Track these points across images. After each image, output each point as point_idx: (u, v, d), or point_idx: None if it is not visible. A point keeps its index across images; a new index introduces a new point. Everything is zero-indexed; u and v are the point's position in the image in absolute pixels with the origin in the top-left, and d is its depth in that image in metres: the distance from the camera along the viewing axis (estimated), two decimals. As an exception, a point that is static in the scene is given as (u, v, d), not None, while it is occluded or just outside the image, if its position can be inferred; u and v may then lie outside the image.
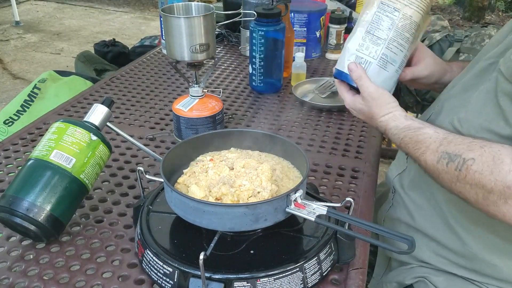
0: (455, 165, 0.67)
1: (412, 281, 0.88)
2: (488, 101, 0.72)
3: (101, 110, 0.79)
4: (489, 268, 0.79)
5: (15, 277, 0.67)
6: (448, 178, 0.68)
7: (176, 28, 0.92)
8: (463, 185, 0.66)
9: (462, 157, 0.66)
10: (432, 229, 0.85)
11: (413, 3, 0.78)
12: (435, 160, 0.70)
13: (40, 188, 0.69)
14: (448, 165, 0.68)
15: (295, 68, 1.37)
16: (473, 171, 0.64)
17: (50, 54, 4.27)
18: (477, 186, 0.64)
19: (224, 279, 0.60)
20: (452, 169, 0.67)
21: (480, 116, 0.72)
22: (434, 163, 0.70)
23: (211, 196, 0.66)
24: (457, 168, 0.66)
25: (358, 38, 0.80)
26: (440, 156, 0.69)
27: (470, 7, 5.47)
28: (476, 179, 0.64)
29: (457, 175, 0.66)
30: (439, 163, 0.69)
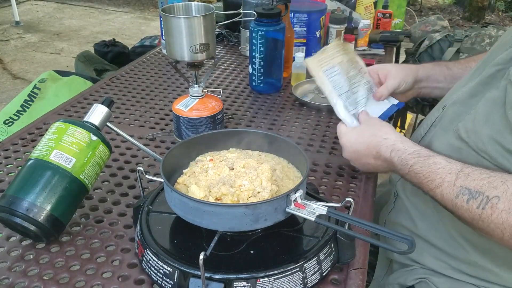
0: (478, 203, 0.63)
1: (413, 282, 0.88)
2: (495, 110, 0.69)
3: (101, 110, 0.79)
4: (490, 275, 0.79)
5: (15, 277, 0.67)
6: (469, 216, 0.65)
7: (176, 28, 0.92)
8: (487, 224, 0.63)
9: (485, 195, 0.63)
10: (434, 237, 0.84)
11: (335, 54, 0.95)
12: (453, 195, 0.66)
13: (40, 188, 0.69)
14: (469, 202, 0.64)
15: (295, 68, 1.37)
16: (500, 210, 0.61)
17: (50, 54, 4.28)
18: (503, 225, 0.61)
19: (224, 279, 0.60)
20: (474, 207, 0.64)
21: (487, 127, 0.70)
22: (452, 197, 0.67)
23: (211, 196, 0.66)
24: (480, 207, 0.63)
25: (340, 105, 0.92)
26: (459, 191, 0.66)
27: (470, 7, 5.47)
28: (504, 219, 0.61)
29: (480, 213, 0.63)
30: (458, 198, 0.66)
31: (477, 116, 0.72)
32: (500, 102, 0.68)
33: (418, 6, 5.67)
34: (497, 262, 0.78)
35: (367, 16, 1.87)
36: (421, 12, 5.57)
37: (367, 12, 1.88)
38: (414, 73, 0.98)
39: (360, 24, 1.67)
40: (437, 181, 0.69)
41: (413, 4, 5.71)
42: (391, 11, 1.90)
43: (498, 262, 0.78)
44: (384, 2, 1.88)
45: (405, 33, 1.97)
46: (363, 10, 1.86)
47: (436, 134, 0.83)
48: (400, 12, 2.09)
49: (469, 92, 0.79)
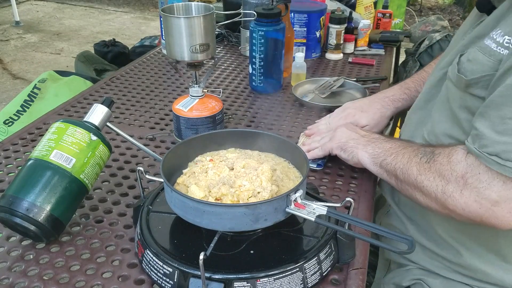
0: (427, 158, 0.72)
1: (409, 283, 0.88)
2: (444, 108, 0.76)
3: (101, 110, 0.79)
4: (482, 276, 0.80)
5: (15, 277, 0.67)
6: (416, 170, 0.72)
7: (176, 28, 0.92)
8: (427, 177, 0.70)
9: (434, 152, 0.72)
10: (425, 241, 0.86)
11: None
12: (413, 154, 0.75)
13: (40, 188, 0.69)
14: (422, 159, 0.73)
15: (295, 68, 1.37)
16: (437, 161, 0.70)
17: (50, 54, 4.28)
18: (439, 176, 0.68)
19: (224, 279, 0.60)
20: (423, 162, 0.72)
21: (441, 125, 0.77)
22: (410, 156, 0.75)
23: (211, 196, 0.66)
24: (427, 160, 0.72)
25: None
26: (418, 152, 0.74)
27: (470, 7, 5.47)
28: (437, 169, 0.69)
29: (425, 167, 0.71)
30: (416, 156, 0.74)
31: (433, 119, 0.80)
32: (446, 100, 0.76)
33: (418, 6, 5.67)
34: (486, 262, 0.78)
35: (367, 16, 1.87)
36: (421, 12, 5.56)
37: (367, 12, 1.88)
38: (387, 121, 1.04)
39: (360, 24, 1.67)
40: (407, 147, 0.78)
41: (413, 4, 5.71)
42: (391, 11, 1.90)
43: (488, 262, 0.79)
44: (384, 2, 1.88)
45: (405, 33, 1.97)
46: (363, 10, 1.86)
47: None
48: (400, 12, 2.09)
49: (424, 98, 0.86)
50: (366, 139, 0.86)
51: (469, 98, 0.70)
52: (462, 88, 0.71)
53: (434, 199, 0.70)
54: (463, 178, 0.65)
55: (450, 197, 0.67)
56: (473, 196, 0.65)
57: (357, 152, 0.85)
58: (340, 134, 0.91)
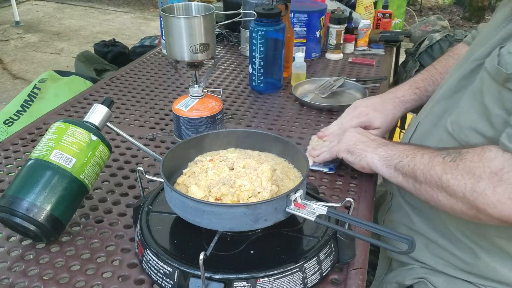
0: (451, 157, 0.70)
1: (412, 282, 0.88)
2: (474, 101, 0.74)
3: (101, 110, 0.79)
4: (488, 271, 0.79)
5: (15, 277, 0.67)
6: (441, 169, 0.71)
7: (176, 28, 0.92)
8: (454, 176, 0.68)
9: (459, 152, 0.70)
10: (432, 232, 0.85)
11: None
12: (433, 155, 0.73)
13: (40, 188, 0.69)
14: (445, 158, 0.71)
15: (295, 68, 1.37)
16: (466, 159, 0.68)
17: (50, 54, 4.28)
18: (468, 174, 0.66)
19: (224, 279, 0.60)
20: (448, 161, 0.70)
21: (467, 118, 0.75)
22: (431, 156, 0.73)
23: (211, 196, 0.66)
24: (452, 160, 0.70)
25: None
26: (439, 152, 0.73)
27: (470, 7, 5.47)
28: (467, 167, 0.67)
29: (451, 166, 0.69)
30: (437, 156, 0.72)
31: (460, 109, 0.78)
32: (478, 92, 0.73)
33: (418, 6, 5.67)
34: (497, 258, 0.78)
35: (367, 16, 1.87)
36: (421, 12, 5.57)
37: (367, 12, 1.88)
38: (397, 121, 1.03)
39: (360, 24, 1.67)
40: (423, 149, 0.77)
41: (413, 4, 5.71)
42: (391, 11, 1.90)
43: (498, 259, 0.78)
44: (384, 2, 1.88)
45: (405, 33, 1.97)
46: (363, 10, 1.86)
47: (425, 131, 0.87)
48: (400, 12, 2.09)
49: (452, 88, 0.83)
50: (376, 142, 0.85)
51: (506, 93, 0.68)
52: (501, 81, 0.68)
53: (461, 198, 0.68)
54: (497, 175, 0.63)
55: (481, 195, 0.64)
56: (507, 193, 0.62)
57: (366, 155, 0.84)
58: (349, 137, 0.90)
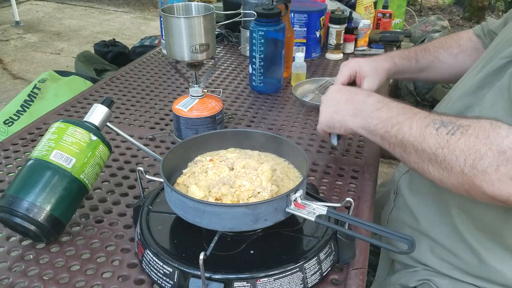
0: (447, 130, 0.64)
1: (416, 284, 0.87)
2: (500, 97, 0.71)
3: (101, 110, 0.79)
4: (494, 274, 0.78)
5: (15, 277, 0.67)
6: (436, 141, 0.65)
7: (176, 28, 0.92)
8: (451, 151, 0.63)
9: (457, 124, 0.64)
10: (438, 234, 0.84)
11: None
12: (424, 124, 0.67)
13: (40, 188, 0.69)
14: (439, 130, 0.65)
15: (295, 68, 1.37)
16: (469, 134, 0.62)
17: (50, 54, 4.28)
18: (469, 150, 0.62)
19: (224, 279, 0.60)
20: (443, 133, 0.65)
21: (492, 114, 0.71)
22: (421, 127, 0.67)
23: (210, 196, 0.66)
24: (449, 133, 0.64)
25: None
26: (431, 121, 0.67)
27: (470, 7, 5.47)
28: (471, 143, 0.62)
29: (448, 139, 0.64)
30: (428, 127, 0.67)
31: (484, 106, 0.74)
32: (505, 88, 0.70)
33: (418, 6, 5.67)
34: (505, 262, 0.77)
35: (367, 16, 1.87)
36: (421, 12, 5.57)
37: (367, 12, 1.88)
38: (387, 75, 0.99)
39: (360, 24, 1.67)
40: (409, 114, 0.70)
41: (413, 4, 5.71)
42: (391, 11, 1.90)
43: (506, 262, 0.77)
44: (384, 2, 1.88)
45: (405, 33, 1.97)
46: (363, 10, 1.86)
47: None
48: (400, 12, 2.10)
49: (477, 85, 0.80)
50: (351, 105, 0.80)
51: None
52: None
53: (457, 173, 0.64)
54: (505, 154, 0.60)
55: (481, 172, 0.61)
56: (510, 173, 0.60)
57: (347, 125, 0.80)
58: (324, 110, 0.85)
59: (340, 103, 0.82)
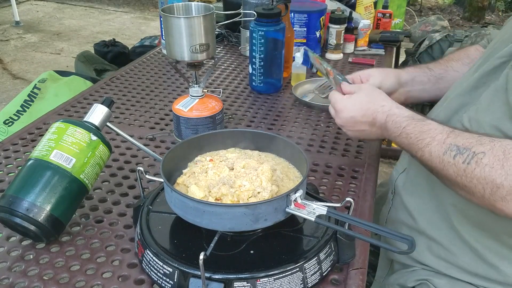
0: (464, 158, 0.65)
1: (414, 284, 0.87)
2: (497, 98, 0.71)
3: (101, 110, 0.79)
4: (492, 272, 0.79)
5: (15, 277, 0.67)
6: (454, 171, 0.66)
7: (176, 28, 0.92)
8: (469, 180, 0.64)
9: (472, 151, 0.64)
10: (435, 232, 0.84)
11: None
12: (442, 151, 0.68)
13: (40, 188, 0.69)
14: (456, 158, 0.66)
15: (295, 68, 1.37)
16: (483, 164, 0.62)
17: (50, 54, 4.27)
18: (485, 180, 0.62)
19: (224, 279, 0.60)
20: (460, 162, 0.65)
21: (489, 115, 0.71)
22: (440, 154, 0.68)
23: (210, 196, 0.66)
24: (465, 161, 0.64)
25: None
26: (448, 148, 0.67)
27: (470, 7, 5.47)
28: (486, 173, 0.62)
29: (465, 168, 0.64)
30: (446, 154, 0.67)
31: (480, 105, 0.74)
32: (502, 90, 0.70)
33: (418, 6, 5.67)
34: (501, 258, 0.77)
35: (367, 16, 1.87)
36: (421, 12, 5.56)
37: (367, 12, 1.88)
38: (396, 75, 0.98)
39: (360, 24, 1.67)
40: (427, 140, 0.71)
41: (413, 4, 5.71)
42: (391, 11, 1.90)
43: (503, 259, 0.77)
44: (384, 2, 1.88)
45: (405, 33, 1.97)
46: (363, 10, 1.86)
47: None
48: (400, 12, 2.09)
49: (472, 85, 0.80)
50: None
51: None
52: None
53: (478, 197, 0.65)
54: None
55: (501, 199, 0.62)
56: None
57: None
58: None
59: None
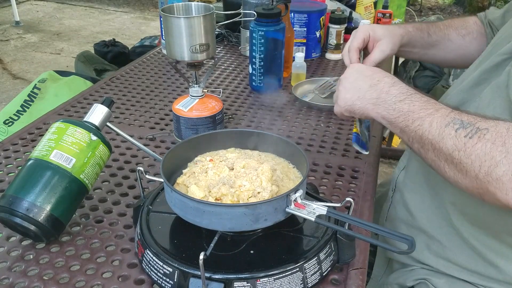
0: (466, 132, 0.62)
1: (413, 283, 0.87)
2: (498, 95, 0.70)
3: (101, 110, 0.79)
4: (490, 269, 0.79)
5: (15, 277, 0.67)
6: (453, 143, 0.63)
7: (176, 28, 0.92)
8: (467, 155, 0.62)
9: (476, 126, 0.62)
10: (434, 229, 0.84)
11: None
12: (444, 123, 0.65)
13: (40, 188, 0.69)
14: (458, 131, 0.63)
15: (295, 68, 1.37)
16: (485, 139, 0.60)
17: (50, 54, 4.27)
18: (485, 157, 0.60)
19: (224, 279, 0.60)
20: (462, 135, 0.63)
21: (489, 111, 0.70)
22: (441, 125, 0.65)
23: (210, 196, 0.66)
24: (468, 135, 0.62)
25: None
26: (451, 120, 0.65)
27: (470, 7, 5.48)
28: (487, 149, 0.60)
29: (465, 142, 0.62)
30: (448, 127, 0.65)
31: (481, 102, 0.73)
32: (503, 86, 0.69)
33: (418, 6, 5.67)
34: (500, 256, 0.77)
35: (367, 16, 1.87)
36: (421, 12, 5.56)
37: (367, 12, 1.88)
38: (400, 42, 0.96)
39: (360, 24, 1.67)
40: (430, 110, 0.68)
41: (413, 4, 5.71)
42: (391, 11, 1.90)
43: (501, 257, 0.77)
44: (384, 2, 1.88)
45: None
46: (363, 10, 1.86)
47: None
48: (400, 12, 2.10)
49: (473, 81, 0.79)
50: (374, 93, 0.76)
51: None
52: None
53: (471, 177, 0.62)
54: None
55: (495, 180, 0.59)
56: None
57: (368, 113, 0.77)
58: (344, 93, 0.81)
59: (363, 89, 0.78)
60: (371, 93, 0.76)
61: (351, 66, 0.85)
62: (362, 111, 0.78)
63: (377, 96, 0.75)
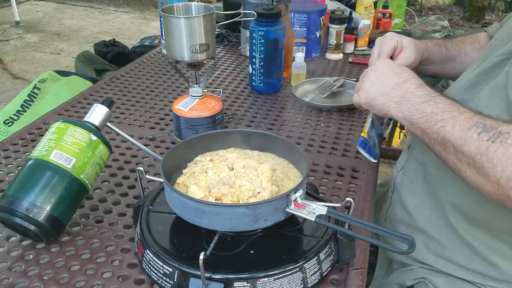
0: (489, 136, 0.62)
1: (412, 283, 0.88)
2: (496, 95, 0.70)
3: (101, 110, 0.79)
4: (490, 268, 0.79)
5: (15, 277, 0.67)
6: (476, 147, 0.63)
7: (176, 28, 0.92)
8: (490, 159, 0.61)
9: (498, 130, 0.62)
10: (433, 229, 0.85)
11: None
12: (467, 126, 0.65)
13: (40, 188, 0.69)
14: (481, 135, 0.63)
15: (295, 68, 1.37)
16: (508, 144, 0.60)
17: (50, 54, 4.27)
18: (507, 161, 0.60)
19: (224, 279, 0.60)
20: (484, 140, 0.62)
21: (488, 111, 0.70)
22: (464, 128, 0.65)
23: (210, 196, 0.66)
24: (490, 139, 0.62)
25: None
26: (474, 124, 0.65)
27: (470, 7, 5.47)
28: (509, 153, 0.59)
29: (488, 146, 0.61)
30: (471, 130, 0.64)
31: (479, 102, 0.73)
32: (502, 87, 0.69)
33: (418, 6, 5.67)
34: (499, 255, 0.77)
35: (367, 16, 1.87)
36: (421, 12, 5.56)
37: (367, 12, 1.88)
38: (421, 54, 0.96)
39: (360, 24, 1.67)
40: (454, 113, 0.68)
41: (413, 4, 5.71)
42: (391, 11, 1.90)
43: (500, 255, 0.77)
44: (384, 2, 1.88)
45: (405, 33, 1.97)
46: (363, 10, 1.86)
47: None
48: (400, 12, 2.09)
49: (472, 82, 0.80)
50: (399, 92, 0.75)
51: None
52: None
53: (493, 182, 0.61)
54: None
55: None
56: None
57: (389, 110, 0.76)
58: (368, 84, 0.80)
59: (388, 86, 0.77)
60: (396, 91, 0.76)
61: (381, 60, 0.84)
62: (382, 107, 0.77)
63: (402, 95, 0.75)
